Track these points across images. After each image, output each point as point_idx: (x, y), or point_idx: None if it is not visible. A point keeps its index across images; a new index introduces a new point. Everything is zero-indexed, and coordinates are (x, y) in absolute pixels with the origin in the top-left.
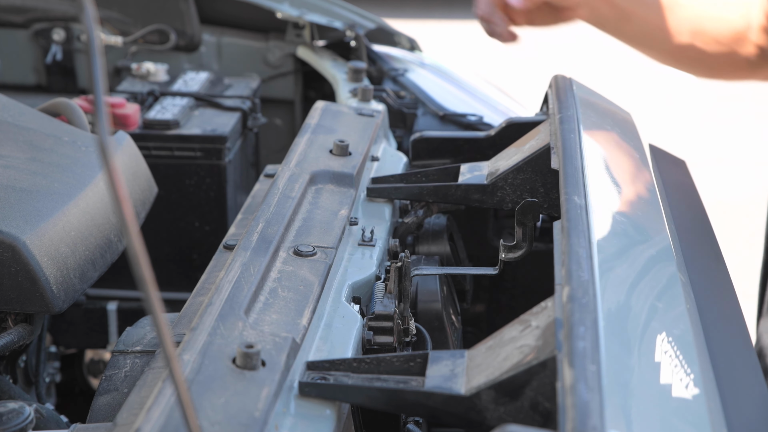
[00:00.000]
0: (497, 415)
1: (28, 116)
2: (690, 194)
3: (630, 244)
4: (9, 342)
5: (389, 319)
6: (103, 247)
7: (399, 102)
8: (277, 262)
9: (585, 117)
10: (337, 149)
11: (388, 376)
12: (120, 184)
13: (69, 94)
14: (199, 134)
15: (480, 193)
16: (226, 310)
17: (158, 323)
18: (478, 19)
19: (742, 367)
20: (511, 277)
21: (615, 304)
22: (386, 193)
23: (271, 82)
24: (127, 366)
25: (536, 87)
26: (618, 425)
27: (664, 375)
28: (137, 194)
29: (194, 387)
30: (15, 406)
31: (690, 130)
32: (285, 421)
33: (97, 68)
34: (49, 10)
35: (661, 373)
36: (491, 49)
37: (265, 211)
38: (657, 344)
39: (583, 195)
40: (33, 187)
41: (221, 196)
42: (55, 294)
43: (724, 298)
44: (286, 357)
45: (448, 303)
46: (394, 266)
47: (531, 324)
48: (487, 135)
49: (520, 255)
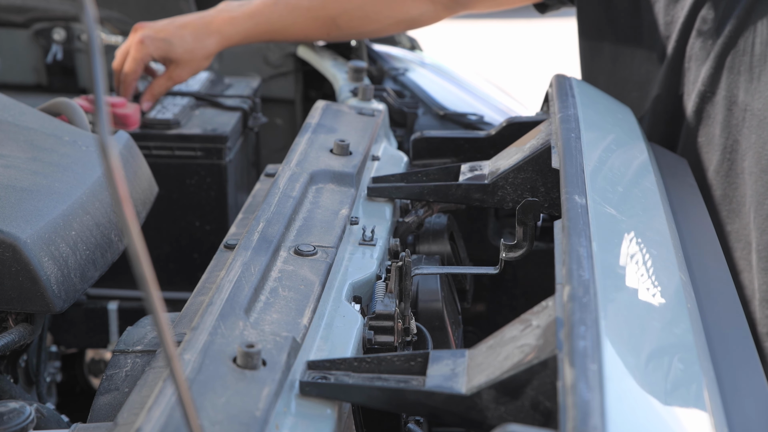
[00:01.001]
0: (498, 414)
1: (29, 116)
2: (691, 193)
3: (631, 243)
4: (10, 342)
5: (390, 319)
6: (104, 247)
7: (399, 101)
8: (277, 262)
9: (585, 116)
10: (337, 149)
11: (389, 375)
12: (121, 184)
13: (69, 93)
14: (199, 134)
15: (480, 193)
16: (226, 310)
17: (159, 323)
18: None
19: (743, 367)
20: (512, 276)
21: (615, 303)
22: (387, 192)
23: (271, 82)
24: (128, 365)
25: (537, 86)
26: (618, 425)
27: (665, 374)
28: (138, 194)
29: (195, 386)
30: (16, 405)
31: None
32: (286, 421)
33: (98, 68)
34: (49, 9)
35: (662, 373)
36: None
37: (266, 210)
38: (657, 343)
39: (584, 194)
40: (34, 186)
41: (222, 195)
42: (55, 293)
43: (725, 297)
44: (286, 356)
45: (448, 302)
46: (394, 265)
47: (532, 323)
48: (488, 134)
49: (520, 254)
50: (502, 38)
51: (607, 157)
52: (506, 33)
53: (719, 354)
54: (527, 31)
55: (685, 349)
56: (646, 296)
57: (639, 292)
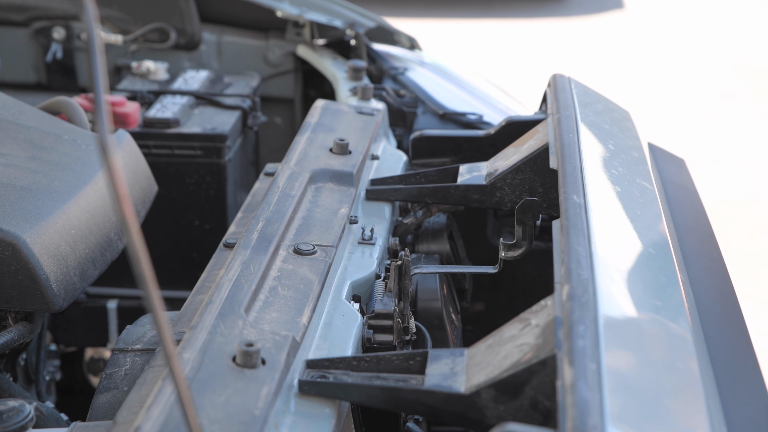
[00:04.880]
0: (497, 413)
1: (29, 114)
2: (689, 193)
3: (629, 242)
4: (9, 340)
5: (389, 318)
6: (104, 246)
7: (399, 101)
8: (277, 261)
9: (583, 116)
10: (337, 148)
11: (388, 374)
12: (120, 183)
13: (69, 92)
14: (199, 133)
15: (479, 194)
16: (226, 309)
17: (158, 321)
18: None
19: (741, 366)
20: (511, 275)
21: (615, 302)
22: (385, 194)
23: (271, 81)
24: (127, 364)
25: (536, 85)
26: (618, 424)
27: (664, 373)
28: (137, 193)
29: (194, 385)
30: (15, 404)
31: (689, 128)
32: (285, 420)
33: (98, 67)
34: (49, 8)
35: (661, 371)
36: (491, 48)
37: (265, 209)
38: (656, 342)
39: (582, 194)
40: (33, 185)
41: (221, 194)
42: (55, 292)
43: (723, 296)
44: (286, 355)
45: (447, 301)
46: (394, 265)
47: (531, 322)
48: (487, 133)
49: (519, 254)
50: (502, 38)
51: (605, 157)
52: (505, 33)
53: (718, 353)
54: (527, 31)
55: (684, 348)
56: (645, 295)
57: (638, 292)
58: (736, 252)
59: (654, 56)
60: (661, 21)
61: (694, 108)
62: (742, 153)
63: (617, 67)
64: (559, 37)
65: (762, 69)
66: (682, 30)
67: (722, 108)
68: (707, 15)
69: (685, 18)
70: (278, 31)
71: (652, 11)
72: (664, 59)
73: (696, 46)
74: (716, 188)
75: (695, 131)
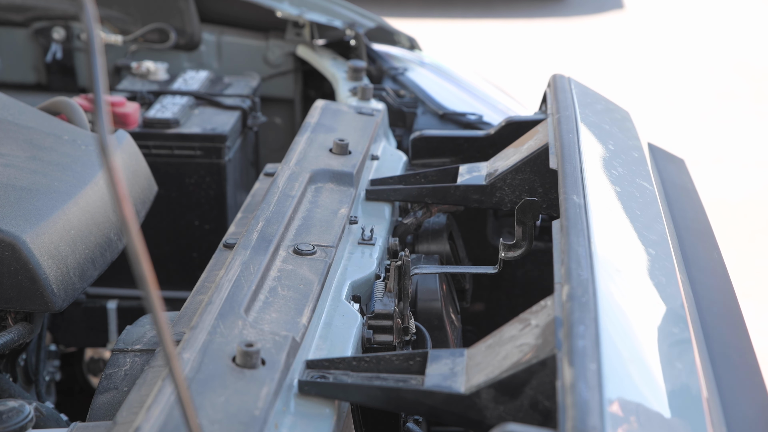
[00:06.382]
0: (497, 413)
1: (28, 115)
2: (689, 193)
3: (629, 242)
4: (9, 340)
5: (389, 318)
6: (103, 246)
7: (399, 101)
8: (276, 261)
9: (583, 116)
10: (336, 148)
11: (388, 374)
12: (120, 183)
13: (69, 92)
14: (198, 133)
15: (479, 194)
16: (225, 309)
17: (158, 322)
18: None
19: (741, 366)
20: (511, 275)
21: (615, 302)
22: (385, 195)
23: (270, 81)
24: (127, 364)
25: (535, 86)
26: (618, 424)
27: (664, 373)
28: (137, 193)
29: (194, 386)
30: (15, 404)
31: (689, 129)
32: (285, 420)
33: (97, 67)
34: (49, 8)
35: (661, 372)
36: (490, 48)
37: (265, 209)
38: (656, 343)
39: (582, 194)
40: (33, 185)
41: (221, 194)
42: (54, 292)
43: (723, 296)
44: (285, 356)
45: (447, 302)
46: (393, 265)
47: (531, 323)
48: (487, 134)
49: (519, 254)
50: (502, 38)
51: (605, 158)
52: (505, 33)
53: (718, 353)
54: (527, 31)
55: (683, 348)
56: (645, 295)
57: (638, 292)
58: (736, 252)
59: (654, 56)
60: (661, 21)
61: (694, 108)
62: (742, 153)
63: (617, 67)
64: (559, 37)
65: (762, 69)
66: (682, 30)
67: (722, 108)
68: (707, 15)
69: (685, 18)
70: (278, 31)
71: (652, 11)
72: (664, 59)
73: (696, 46)
74: (716, 188)
75: (695, 131)
